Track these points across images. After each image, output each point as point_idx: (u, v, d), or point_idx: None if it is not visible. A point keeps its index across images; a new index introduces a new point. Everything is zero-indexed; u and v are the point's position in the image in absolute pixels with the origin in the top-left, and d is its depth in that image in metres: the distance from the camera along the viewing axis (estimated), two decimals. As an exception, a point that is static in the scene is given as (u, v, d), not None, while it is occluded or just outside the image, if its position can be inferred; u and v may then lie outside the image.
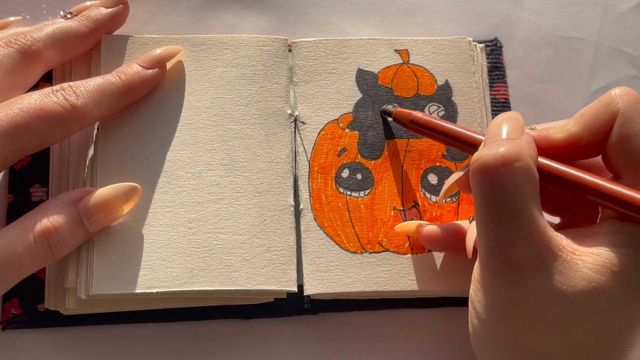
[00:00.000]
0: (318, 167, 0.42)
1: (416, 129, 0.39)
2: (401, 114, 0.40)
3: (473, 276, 0.34)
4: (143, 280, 0.37)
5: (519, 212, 0.31)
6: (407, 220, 0.41)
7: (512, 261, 0.31)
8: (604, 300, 0.30)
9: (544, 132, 0.34)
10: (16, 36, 0.38)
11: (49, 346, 0.39)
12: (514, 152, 0.31)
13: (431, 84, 0.44)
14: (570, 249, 0.31)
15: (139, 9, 0.46)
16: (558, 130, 0.34)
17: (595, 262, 0.30)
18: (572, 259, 0.31)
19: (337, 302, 0.41)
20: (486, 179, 0.31)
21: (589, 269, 0.30)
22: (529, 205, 0.31)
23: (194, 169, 0.40)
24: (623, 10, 0.51)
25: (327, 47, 0.44)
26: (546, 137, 0.34)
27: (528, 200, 0.31)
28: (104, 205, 0.37)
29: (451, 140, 0.37)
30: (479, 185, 0.32)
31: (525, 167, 0.31)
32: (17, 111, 0.35)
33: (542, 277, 0.31)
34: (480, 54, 0.46)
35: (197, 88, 0.41)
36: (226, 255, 0.38)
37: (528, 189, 0.31)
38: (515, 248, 0.31)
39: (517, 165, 0.31)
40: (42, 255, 0.35)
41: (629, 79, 0.49)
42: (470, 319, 0.34)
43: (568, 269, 0.31)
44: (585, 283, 0.30)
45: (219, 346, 0.40)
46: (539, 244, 0.31)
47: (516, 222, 0.31)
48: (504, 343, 0.32)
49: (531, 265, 0.31)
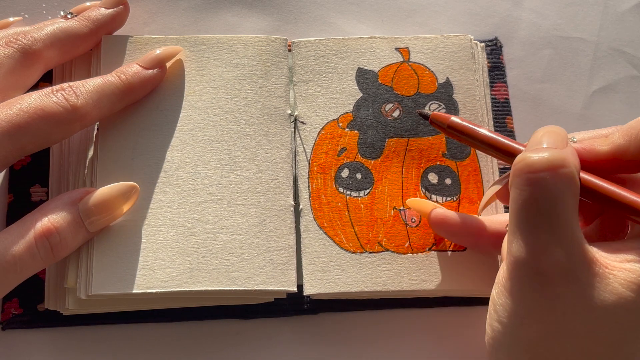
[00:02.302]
0: (318, 167, 0.42)
1: (453, 134, 0.38)
2: (438, 118, 0.38)
3: (497, 278, 0.33)
4: (143, 280, 0.37)
5: (558, 218, 0.30)
6: (407, 220, 0.41)
7: (543, 268, 0.30)
8: (631, 317, 0.30)
9: (588, 145, 0.34)
10: (16, 36, 0.39)
11: (49, 346, 0.39)
12: (560, 158, 0.31)
13: (432, 82, 0.44)
14: (603, 263, 0.31)
15: (139, 9, 0.46)
16: (603, 143, 0.34)
17: (627, 279, 0.30)
18: (604, 272, 0.30)
19: (337, 302, 0.41)
20: (529, 181, 0.31)
21: (620, 285, 0.30)
22: (568, 214, 0.30)
23: (194, 169, 0.40)
24: (623, 10, 0.51)
25: (327, 47, 0.44)
26: (590, 149, 0.34)
27: (568, 208, 0.30)
28: (104, 205, 0.37)
29: (489, 148, 0.36)
30: (521, 185, 0.31)
31: (570, 175, 0.30)
32: (17, 111, 0.35)
33: (572, 287, 0.30)
34: (481, 53, 0.46)
35: (196, 88, 0.41)
36: (226, 256, 0.38)
37: (569, 197, 0.30)
38: (548, 255, 0.30)
39: (562, 172, 0.30)
40: (43, 256, 0.35)
41: (629, 79, 0.49)
42: (490, 321, 0.34)
43: (599, 283, 0.30)
44: (615, 298, 0.30)
45: (219, 346, 0.40)
46: (574, 254, 0.30)
47: (553, 228, 0.30)
48: (522, 349, 0.32)
49: (563, 275, 0.30)
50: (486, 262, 0.40)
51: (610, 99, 0.48)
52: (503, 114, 0.46)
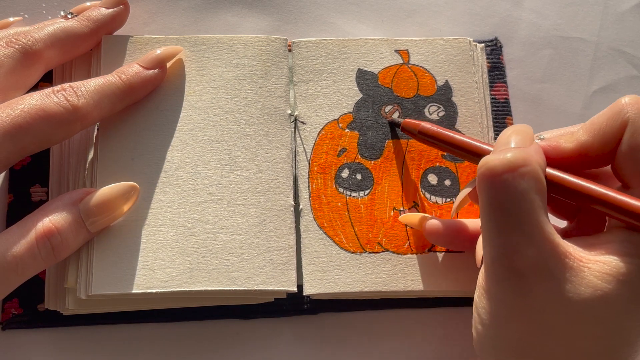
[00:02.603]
0: (318, 167, 0.42)
1: (425, 139, 0.39)
2: (409, 125, 0.40)
3: (478, 282, 0.34)
4: (142, 280, 0.37)
5: (525, 217, 0.30)
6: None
7: (517, 267, 0.31)
8: (609, 308, 0.30)
9: (553, 142, 0.34)
10: (17, 36, 0.38)
11: (49, 346, 0.39)
12: (520, 157, 0.31)
13: (431, 84, 0.44)
14: (577, 257, 0.31)
15: (139, 9, 0.46)
16: (568, 140, 0.34)
17: (602, 270, 0.30)
18: (579, 266, 0.30)
19: (336, 302, 0.41)
20: (492, 184, 0.31)
21: (596, 277, 0.30)
22: (535, 211, 0.30)
23: (194, 169, 0.40)
24: (623, 10, 0.51)
25: (327, 47, 0.44)
26: (556, 147, 0.34)
27: (534, 206, 0.31)
28: (105, 205, 0.37)
29: (459, 151, 0.37)
30: (485, 190, 0.31)
31: (532, 173, 0.31)
32: (18, 112, 0.35)
33: (547, 284, 0.30)
34: (481, 54, 0.46)
35: (197, 88, 0.41)
36: (226, 256, 0.38)
37: (535, 195, 0.31)
38: (520, 254, 0.30)
39: (524, 171, 0.30)
40: (44, 256, 0.35)
41: (629, 79, 0.49)
42: (474, 324, 0.34)
43: (574, 277, 0.30)
44: (592, 291, 0.30)
45: (219, 346, 0.40)
46: (545, 251, 0.30)
47: (522, 227, 0.30)
48: (508, 350, 0.32)
49: (536, 272, 0.30)
50: (486, 263, 0.40)
51: (610, 99, 0.48)
52: (503, 114, 0.46)
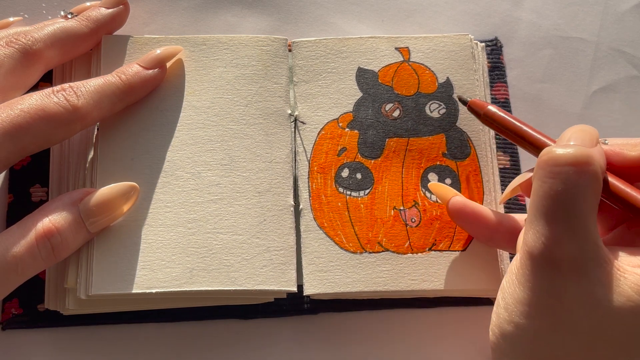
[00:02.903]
0: (318, 166, 0.42)
1: (489, 122, 0.39)
2: (476, 105, 0.40)
3: (510, 267, 0.34)
4: (142, 280, 0.37)
5: (575, 212, 0.31)
6: (407, 220, 0.41)
7: (555, 259, 0.31)
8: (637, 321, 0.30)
9: (616, 148, 0.34)
10: (17, 36, 0.39)
11: (49, 346, 0.39)
12: (585, 155, 0.31)
13: (432, 82, 0.44)
14: (616, 265, 0.31)
15: (139, 9, 0.46)
16: (632, 149, 0.34)
17: (637, 283, 0.30)
18: (616, 273, 0.31)
19: (337, 302, 0.41)
20: (552, 173, 0.31)
21: (630, 288, 0.30)
22: (586, 210, 0.31)
23: (194, 169, 0.40)
24: (623, 10, 0.51)
25: (327, 47, 0.44)
26: (618, 153, 0.34)
27: (587, 204, 0.31)
28: (105, 205, 0.37)
29: (521, 140, 0.37)
30: (543, 177, 0.31)
31: (593, 172, 0.31)
32: (18, 112, 0.35)
33: (581, 282, 0.30)
34: (481, 53, 0.46)
35: (197, 88, 0.41)
36: (226, 256, 0.38)
37: (590, 194, 0.31)
38: (561, 247, 0.31)
39: (586, 169, 0.31)
40: (44, 256, 0.35)
41: (629, 79, 0.49)
42: (497, 309, 0.34)
43: (609, 282, 0.30)
44: (624, 300, 0.30)
45: (219, 346, 0.40)
46: (586, 250, 0.31)
47: (569, 221, 0.31)
48: (526, 340, 0.32)
49: (573, 268, 0.31)
50: (486, 263, 0.40)
51: (610, 99, 0.48)
52: (503, 114, 0.46)
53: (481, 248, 0.41)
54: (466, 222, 0.40)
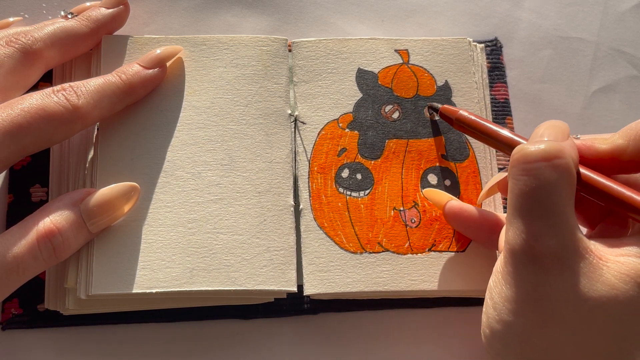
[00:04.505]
0: (318, 167, 0.42)
1: (462, 127, 0.40)
2: (447, 111, 0.41)
3: (495, 267, 0.34)
4: (142, 280, 0.37)
5: (552, 207, 0.31)
6: (407, 221, 0.41)
7: (537, 255, 0.31)
8: (623, 309, 0.30)
9: (588, 142, 0.35)
10: (17, 36, 0.38)
11: (49, 346, 0.39)
12: (555, 149, 0.31)
13: (431, 85, 0.44)
14: (597, 254, 0.31)
15: (139, 9, 0.46)
16: (602, 142, 0.34)
17: (620, 271, 0.30)
18: (598, 263, 0.31)
19: (337, 302, 0.41)
20: (525, 170, 0.32)
21: (614, 276, 0.30)
22: (562, 203, 0.31)
23: (194, 169, 0.40)
24: (623, 10, 0.51)
25: (327, 47, 0.44)
26: (590, 146, 0.35)
27: (563, 197, 0.31)
28: (105, 205, 0.37)
29: (494, 141, 0.38)
30: (517, 175, 0.32)
31: (565, 165, 0.31)
32: (18, 111, 0.35)
33: (564, 275, 0.31)
34: (480, 54, 0.46)
35: (197, 88, 0.41)
36: (226, 256, 0.38)
37: (564, 187, 0.31)
38: (541, 242, 0.31)
39: (557, 162, 0.31)
40: (45, 257, 0.35)
41: (629, 79, 0.49)
42: (486, 309, 0.34)
43: (592, 272, 0.31)
44: (608, 289, 0.30)
45: (219, 346, 0.40)
46: (566, 242, 0.31)
47: (547, 216, 0.31)
48: (516, 337, 0.32)
49: (555, 262, 0.31)
50: (485, 263, 0.40)
51: (610, 99, 0.48)
52: (503, 114, 0.46)
53: (481, 249, 0.41)
54: (463, 225, 0.40)
